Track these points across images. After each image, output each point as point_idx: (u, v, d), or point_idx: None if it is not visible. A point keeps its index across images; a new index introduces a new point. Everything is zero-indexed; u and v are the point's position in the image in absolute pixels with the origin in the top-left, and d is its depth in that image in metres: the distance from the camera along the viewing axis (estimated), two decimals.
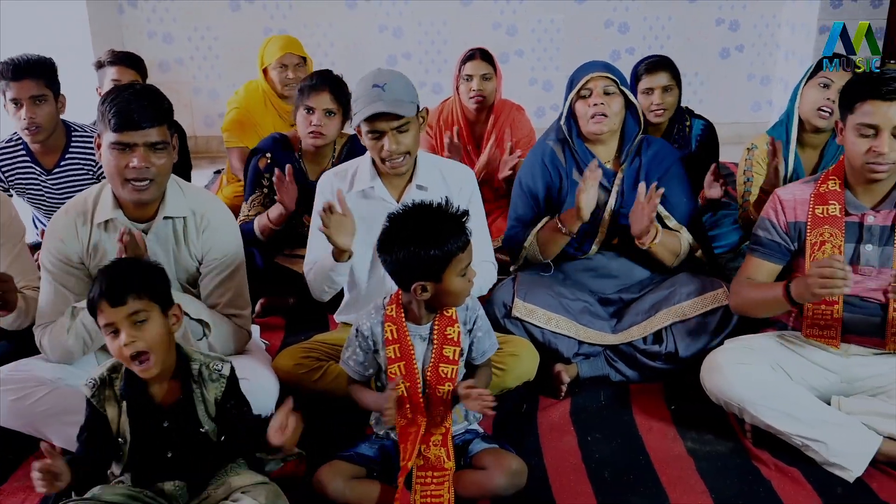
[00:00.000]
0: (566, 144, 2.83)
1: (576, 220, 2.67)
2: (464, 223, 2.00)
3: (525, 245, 2.83)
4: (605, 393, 2.67)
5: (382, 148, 2.45)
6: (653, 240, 2.67)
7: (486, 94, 3.65)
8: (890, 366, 2.35)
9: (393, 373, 2.10)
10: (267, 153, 3.23)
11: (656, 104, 3.37)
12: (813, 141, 3.01)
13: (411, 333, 2.11)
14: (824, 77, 2.91)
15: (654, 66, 3.39)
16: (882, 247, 2.31)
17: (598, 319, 2.75)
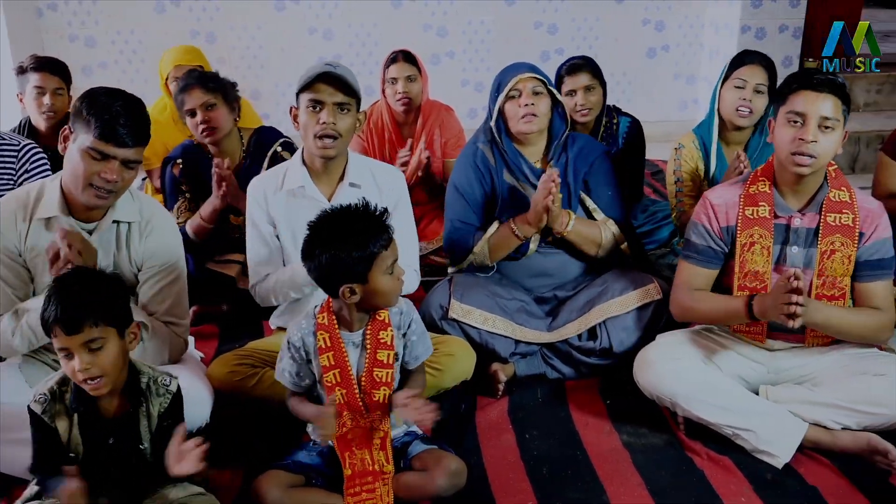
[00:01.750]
0: (495, 146, 2.85)
1: (532, 226, 2.70)
2: (384, 221, 2.00)
3: (475, 251, 2.83)
4: (542, 390, 2.70)
5: (318, 121, 2.42)
6: (566, 227, 2.71)
7: (413, 96, 3.65)
8: (812, 356, 2.43)
9: (329, 381, 2.08)
10: (178, 160, 3.22)
11: (580, 104, 3.41)
12: (736, 138, 3.10)
13: (344, 341, 2.09)
14: (739, 78, 2.99)
15: (574, 67, 3.43)
16: (806, 248, 2.38)
17: (533, 318, 2.78)
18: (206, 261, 3.24)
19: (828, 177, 2.38)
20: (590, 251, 2.82)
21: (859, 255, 2.36)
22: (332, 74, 2.41)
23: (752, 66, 3.00)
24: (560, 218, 2.71)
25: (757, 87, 2.97)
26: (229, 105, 3.11)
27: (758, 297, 2.31)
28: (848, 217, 2.35)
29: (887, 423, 2.27)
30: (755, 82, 2.96)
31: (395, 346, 2.13)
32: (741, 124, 3.02)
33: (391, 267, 2.01)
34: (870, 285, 2.37)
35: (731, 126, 3.06)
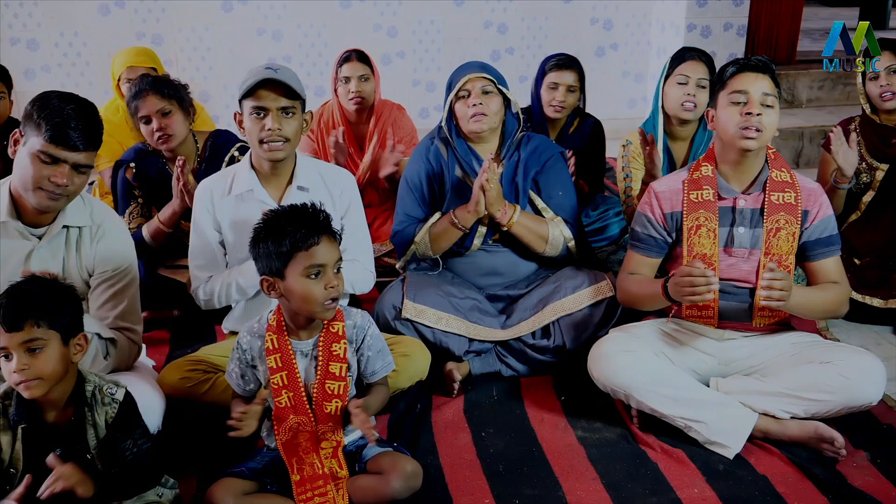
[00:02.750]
0: (448, 143, 2.86)
1: (471, 213, 2.70)
2: (319, 224, 2.00)
3: (416, 240, 2.83)
4: (497, 388, 2.71)
5: (263, 127, 2.40)
6: (509, 219, 2.72)
7: (365, 95, 3.63)
8: (760, 346, 2.48)
9: (275, 383, 2.06)
10: (131, 164, 3.16)
11: (558, 101, 3.45)
12: (682, 133, 3.14)
13: (294, 348, 2.08)
14: (681, 74, 3.04)
15: (563, 64, 3.48)
16: (752, 229, 2.43)
17: (487, 316, 2.79)
18: (158, 266, 3.19)
19: (768, 159, 2.44)
20: (537, 247, 2.83)
21: (810, 235, 2.42)
22: (273, 80, 2.38)
23: (693, 62, 3.05)
24: (503, 209, 2.71)
25: (699, 82, 3.02)
26: (185, 110, 3.06)
27: (671, 279, 2.36)
28: (790, 195, 2.41)
29: (833, 410, 2.32)
30: (697, 77, 3.02)
31: (349, 359, 2.12)
32: (687, 118, 3.07)
33: (314, 271, 1.99)
34: (825, 262, 2.45)
35: (677, 121, 3.11)
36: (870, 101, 3.15)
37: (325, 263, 2.00)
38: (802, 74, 5.87)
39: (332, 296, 2.01)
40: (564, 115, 3.51)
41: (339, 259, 2.04)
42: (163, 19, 5.40)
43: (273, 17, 5.51)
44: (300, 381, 2.07)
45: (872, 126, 3.16)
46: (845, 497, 2.14)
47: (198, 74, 5.48)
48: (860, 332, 3.08)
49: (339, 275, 2.04)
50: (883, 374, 2.32)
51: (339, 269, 2.04)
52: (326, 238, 2.01)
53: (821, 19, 9.80)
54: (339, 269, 2.04)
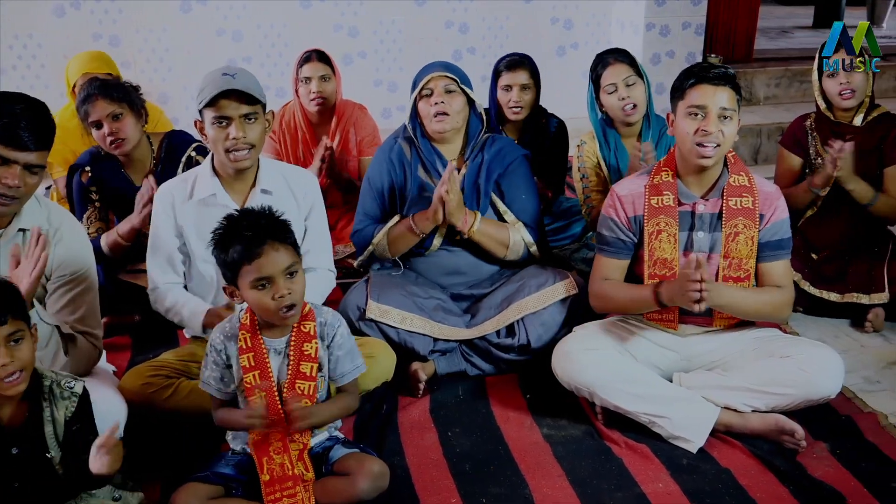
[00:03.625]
0: (412, 143, 2.85)
1: (430, 221, 2.70)
2: (262, 234, 1.96)
3: (374, 242, 2.83)
4: (462, 387, 2.72)
5: (227, 136, 2.38)
6: (470, 227, 2.73)
7: (327, 96, 3.62)
8: (721, 341, 2.51)
9: (248, 382, 2.05)
10: (86, 167, 3.11)
11: (514, 101, 3.45)
12: (630, 131, 3.19)
13: (267, 346, 2.07)
14: (609, 83, 3.07)
15: (513, 63, 3.47)
16: (711, 233, 2.46)
17: (451, 316, 2.79)
18: (118, 270, 3.14)
19: (727, 163, 2.47)
20: (497, 253, 2.84)
21: (761, 237, 2.45)
22: (233, 90, 2.35)
23: (612, 67, 3.08)
24: (463, 217, 2.71)
25: (627, 81, 3.05)
26: (136, 113, 3.02)
27: (665, 284, 2.38)
28: (748, 200, 2.44)
29: (794, 403, 2.36)
30: (623, 78, 3.05)
31: (321, 357, 2.11)
32: (632, 121, 3.12)
33: (260, 283, 1.97)
34: (771, 265, 2.47)
35: (623, 123, 3.14)
36: (825, 98, 3.20)
37: (270, 275, 1.96)
38: (760, 72, 5.97)
39: (284, 304, 1.98)
40: (524, 114, 3.51)
41: (292, 264, 2.00)
42: (120, 20, 5.32)
43: (233, 17, 5.46)
44: (273, 381, 2.06)
45: (827, 123, 3.22)
46: (805, 488, 2.18)
47: (156, 76, 5.41)
48: (818, 326, 3.14)
49: (293, 280, 2.00)
50: (841, 367, 2.37)
51: (293, 274, 2.00)
52: (272, 246, 1.96)
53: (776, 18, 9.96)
54: (293, 273, 2.00)
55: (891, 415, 2.53)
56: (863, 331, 3.09)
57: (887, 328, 3.10)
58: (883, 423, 2.48)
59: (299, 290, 2.02)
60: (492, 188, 2.86)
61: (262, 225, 1.98)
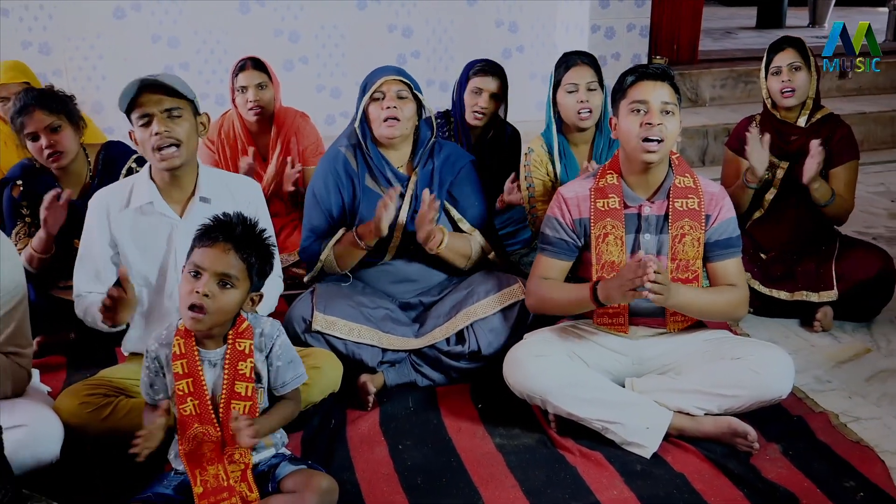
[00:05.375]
0: (359, 149, 2.83)
1: (373, 234, 2.69)
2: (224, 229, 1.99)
3: (321, 258, 2.80)
4: (413, 399, 2.70)
5: (151, 133, 2.34)
6: (440, 244, 2.73)
7: (264, 104, 3.58)
8: (673, 344, 2.54)
9: (180, 390, 2.02)
10: (17, 181, 3.02)
11: (480, 106, 3.45)
12: (581, 138, 3.20)
13: (200, 356, 2.04)
14: (570, 82, 3.09)
15: (487, 70, 3.47)
16: (658, 235, 2.49)
17: (400, 325, 2.77)
18: (50, 287, 3.06)
19: (672, 165, 2.50)
20: (459, 265, 2.84)
21: (709, 237, 2.49)
22: (150, 83, 2.32)
23: (578, 68, 3.10)
24: (434, 236, 2.70)
25: (589, 86, 3.08)
26: (74, 125, 2.95)
27: (601, 282, 2.39)
28: (694, 201, 2.47)
29: (746, 405, 2.40)
30: (586, 82, 3.08)
31: (259, 369, 2.08)
32: (585, 126, 3.13)
33: (193, 269, 2.00)
34: (723, 263, 2.51)
35: (575, 128, 3.16)
36: (771, 97, 3.26)
37: (204, 267, 1.97)
38: (705, 73, 6.08)
39: (192, 301, 1.96)
40: (483, 122, 3.52)
41: (226, 275, 1.98)
42: (50, 27, 5.20)
43: (168, 22, 5.38)
44: (205, 389, 2.03)
45: (773, 123, 3.28)
46: (760, 490, 2.20)
47: (89, 84, 5.30)
48: (768, 326, 3.20)
49: (224, 291, 1.98)
50: (791, 367, 2.41)
51: (225, 285, 1.98)
52: (223, 246, 1.98)
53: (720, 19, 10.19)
54: (225, 284, 1.98)
55: (841, 414, 2.58)
56: (812, 330, 3.15)
57: (836, 327, 3.17)
58: (834, 422, 2.53)
59: (213, 303, 1.97)
60: (445, 196, 2.86)
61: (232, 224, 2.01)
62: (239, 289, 2.00)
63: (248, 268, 2.01)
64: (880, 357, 2.98)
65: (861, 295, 3.12)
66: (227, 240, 1.99)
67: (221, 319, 2.01)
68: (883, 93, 6.44)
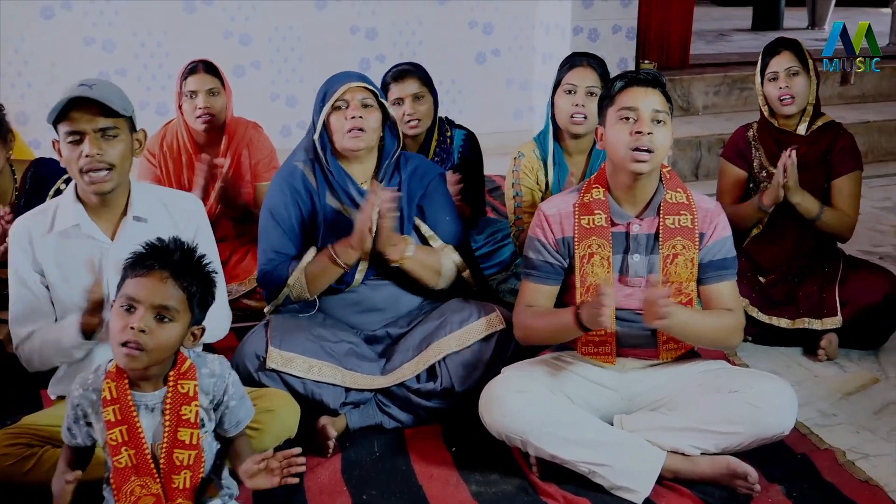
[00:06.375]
0: (318, 164, 2.83)
1: (355, 250, 2.69)
2: (160, 255, 1.98)
3: (289, 282, 2.79)
4: (378, 443, 2.69)
5: (81, 154, 2.32)
6: (405, 254, 2.73)
7: (215, 112, 3.58)
8: (666, 377, 2.55)
9: (113, 439, 1.99)
10: None
11: (409, 114, 3.44)
12: (577, 147, 3.23)
13: (135, 401, 2.01)
14: (569, 83, 3.13)
15: (400, 73, 3.48)
16: (648, 255, 2.51)
17: (365, 361, 2.76)
18: None
19: (662, 179, 2.53)
20: (430, 281, 2.84)
21: (702, 257, 2.52)
22: (84, 98, 2.30)
23: (581, 69, 3.14)
24: (397, 244, 2.71)
25: (589, 90, 3.10)
26: (2, 138, 2.93)
27: (584, 304, 2.41)
28: (687, 218, 2.50)
29: (745, 443, 2.41)
30: (586, 85, 3.11)
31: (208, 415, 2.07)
32: (577, 132, 3.15)
33: (126, 303, 1.97)
34: (717, 286, 2.54)
35: (569, 135, 3.19)
36: (769, 104, 3.32)
37: (139, 299, 1.94)
38: (697, 79, 6.16)
39: (126, 338, 1.93)
40: (423, 128, 3.51)
41: (164, 308, 1.96)
42: None
43: (103, 23, 5.37)
44: (142, 437, 2.01)
45: (770, 131, 3.34)
46: None
47: (13, 93, 5.26)
48: (769, 356, 3.23)
49: (162, 325, 1.95)
50: (793, 400, 2.44)
51: (163, 319, 1.96)
52: (159, 275, 1.96)
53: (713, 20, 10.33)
54: (163, 318, 1.96)
55: (849, 450, 2.61)
56: (816, 359, 3.19)
57: (842, 356, 3.21)
58: (841, 460, 2.56)
59: (150, 340, 1.95)
60: (415, 211, 2.87)
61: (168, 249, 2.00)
62: (179, 322, 1.98)
63: (189, 298, 1.99)
64: (889, 388, 3.02)
65: (867, 321, 3.17)
66: (164, 267, 1.96)
67: (160, 357, 1.99)
68: (888, 100, 6.57)
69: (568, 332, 2.48)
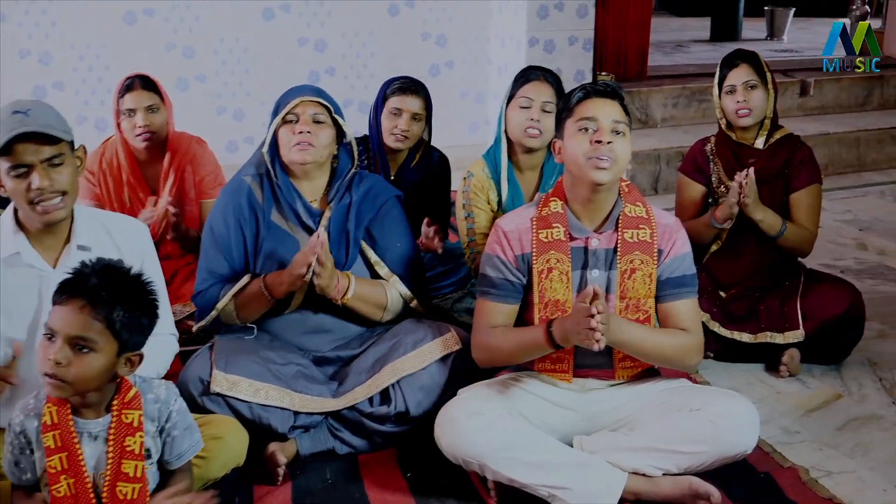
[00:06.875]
0: (266, 179, 2.83)
1: (286, 286, 2.69)
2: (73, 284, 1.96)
3: (218, 307, 2.78)
4: (331, 469, 2.68)
5: (30, 187, 2.29)
6: (345, 294, 2.74)
7: (155, 129, 3.56)
8: (626, 396, 2.58)
9: (52, 467, 1.96)
10: None
11: (401, 129, 3.48)
12: (529, 162, 3.25)
13: (78, 428, 2.00)
14: (524, 96, 3.15)
15: (408, 88, 3.52)
16: (608, 271, 2.54)
17: (315, 384, 2.75)
18: None
19: (621, 192, 2.56)
20: (374, 317, 2.85)
21: (661, 274, 2.55)
22: (29, 133, 2.25)
23: (537, 83, 3.17)
24: (335, 284, 2.71)
25: (544, 106, 3.13)
26: None
27: (557, 321, 2.42)
28: (646, 233, 2.53)
29: (707, 462, 2.44)
30: (542, 100, 3.13)
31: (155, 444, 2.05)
32: (531, 146, 3.18)
33: (47, 332, 1.96)
34: (674, 304, 2.56)
35: (522, 149, 3.21)
36: (726, 117, 3.38)
37: (56, 330, 1.93)
38: (655, 91, 6.25)
39: (45, 370, 1.92)
40: (408, 145, 3.56)
41: (80, 338, 1.93)
42: None
43: (39, 36, 5.31)
44: (83, 466, 1.99)
45: (728, 145, 3.40)
46: None
47: None
48: (731, 373, 3.28)
49: (80, 356, 1.93)
50: (755, 418, 2.47)
51: (82, 349, 1.93)
52: (75, 304, 1.93)
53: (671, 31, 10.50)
54: (81, 348, 1.93)
55: (812, 468, 2.66)
56: (778, 375, 3.24)
57: (804, 371, 3.27)
58: (804, 478, 2.60)
59: (69, 372, 1.92)
60: (362, 235, 2.87)
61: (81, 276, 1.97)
62: (100, 352, 1.95)
63: (111, 325, 1.95)
64: (852, 403, 3.08)
65: (830, 334, 3.23)
66: (79, 295, 1.93)
67: (85, 388, 1.96)
68: (847, 111, 6.70)
69: (537, 351, 2.49)
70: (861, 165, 6.21)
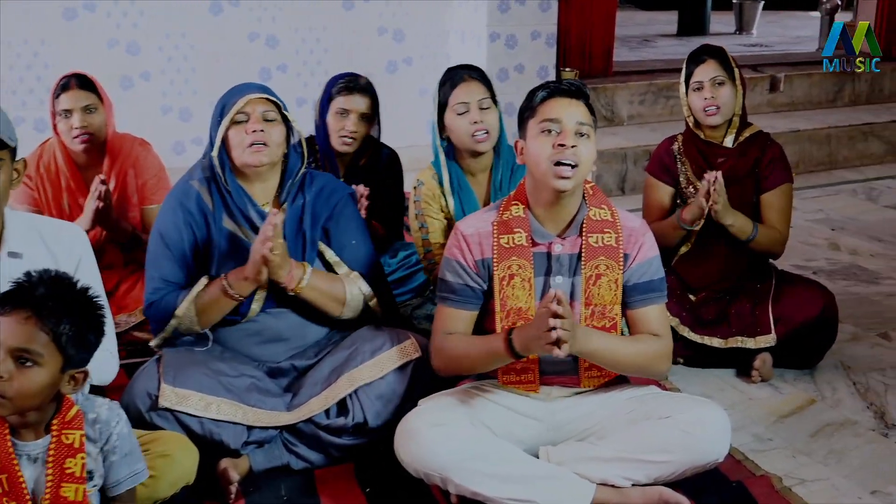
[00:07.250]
0: (215, 183, 2.81)
1: (249, 281, 2.67)
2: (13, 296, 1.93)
3: (177, 314, 2.75)
4: (285, 485, 2.66)
5: None
6: (299, 282, 2.73)
7: (93, 130, 3.52)
8: (593, 404, 2.59)
9: None
10: None
11: (349, 130, 3.46)
12: (477, 166, 3.25)
13: (17, 450, 1.97)
14: (459, 102, 3.14)
15: (353, 87, 3.50)
16: (571, 278, 2.54)
17: (269, 397, 2.74)
18: None
19: (585, 195, 2.57)
20: (333, 311, 2.83)
21: (628, 279, 2.56)
22: None
23: (466, 84, 3.16)
24: (289, 271, 2.70)
25: (481, 104, 3.13)
26: None
27: (517, 329, 2.43)
28: (611, 237, 2.54)
29: (678, 472, 2.46)
30: (477, 99, 3.13)
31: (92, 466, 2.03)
32: (483, 150, 3.18)
33: None
34: (643, 310, 2.58)
35: (469, 154, 3.21)
36: (694, 115, 3.41)
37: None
38: (621, 88, 6.30)
39: None
40: (355, 147, 3.55)
41: (24, 351, 1.91)
42: None
43: None
44: (24, 488, 1.96)
45: (696, 144, 3.43)
46: None
47: None
48: (702, 379, 3.31)
49: (23, 371, 1.90)
50: (727, 425, 2.49)
51: (25, 363, 1.91)
52: (20, 315, 1.91)
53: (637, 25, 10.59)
54: (25, 362, 1.91)
55: (785, 476, 2.68)
56: (750, 381, 3.28)
57: (776, 376, 3.31)
58: (777, 486, 2.62)
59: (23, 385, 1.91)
60: (319, 235, 2.86)
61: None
62: (45, 367, 1.93)
63: (57, 339, 1.93)
64: (825, 408, 3.12)
65: (802, 338, 3.27)
66: (24, 306, 1.91)
67: (26, 405, 1.94)
68: (818, 107, 6.81)
69: (497, 360, 2.49)
70: (832, 163, 6.30)
